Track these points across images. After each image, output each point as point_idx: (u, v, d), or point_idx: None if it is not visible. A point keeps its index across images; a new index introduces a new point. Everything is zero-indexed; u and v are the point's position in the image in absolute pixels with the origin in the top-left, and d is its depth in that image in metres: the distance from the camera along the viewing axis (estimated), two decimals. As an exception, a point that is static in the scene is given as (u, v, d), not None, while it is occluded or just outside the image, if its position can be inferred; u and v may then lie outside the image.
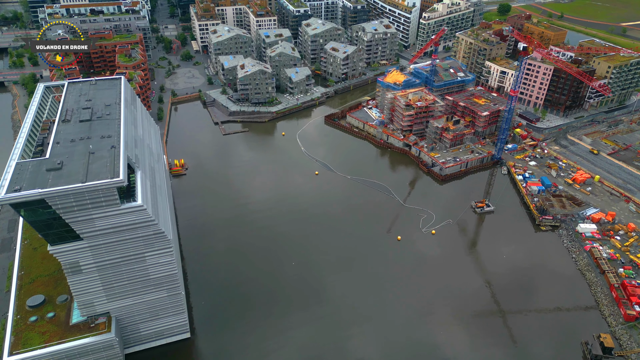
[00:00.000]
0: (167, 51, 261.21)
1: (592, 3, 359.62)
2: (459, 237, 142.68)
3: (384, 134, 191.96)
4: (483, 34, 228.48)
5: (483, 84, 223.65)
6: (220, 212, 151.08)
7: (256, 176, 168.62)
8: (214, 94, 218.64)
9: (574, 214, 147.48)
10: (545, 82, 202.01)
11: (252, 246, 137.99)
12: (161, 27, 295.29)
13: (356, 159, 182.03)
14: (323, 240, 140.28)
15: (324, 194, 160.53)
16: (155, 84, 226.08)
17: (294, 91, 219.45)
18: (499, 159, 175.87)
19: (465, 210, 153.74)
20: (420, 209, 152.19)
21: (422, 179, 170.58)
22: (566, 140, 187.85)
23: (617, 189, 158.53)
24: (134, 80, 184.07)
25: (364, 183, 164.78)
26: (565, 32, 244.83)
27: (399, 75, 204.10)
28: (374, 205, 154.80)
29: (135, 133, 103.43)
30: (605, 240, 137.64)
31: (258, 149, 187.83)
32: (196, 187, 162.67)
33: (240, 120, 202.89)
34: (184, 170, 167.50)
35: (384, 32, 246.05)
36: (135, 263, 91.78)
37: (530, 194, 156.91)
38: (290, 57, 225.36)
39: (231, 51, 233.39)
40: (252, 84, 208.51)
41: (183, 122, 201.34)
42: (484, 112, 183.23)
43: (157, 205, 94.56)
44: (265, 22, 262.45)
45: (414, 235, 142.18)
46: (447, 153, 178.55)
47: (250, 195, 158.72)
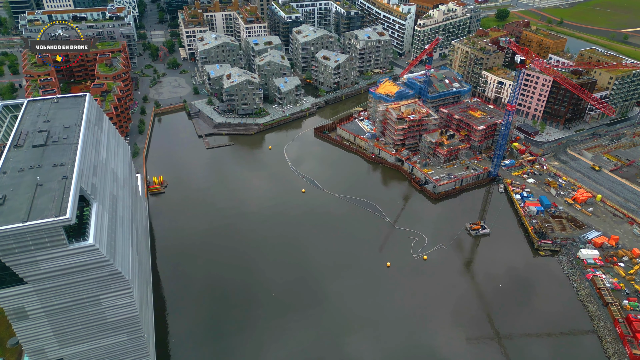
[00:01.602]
0: (153, 59, 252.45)
1: (592, 8, 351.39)
2: (452, 263, 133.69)
3: (376, 148, 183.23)
4: (480, 42, 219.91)
5: (479, 94, 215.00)
6: (199, 232, 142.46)
7: (238, 195, 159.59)
8: (199, 105, 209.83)
9: (574, 238, 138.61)
10: (544, 94, 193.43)
11: (232, 269, 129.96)
12: (149, 33, 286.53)
13: (346, 175, 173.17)
14: (306, 267, 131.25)
15: (309, 214, 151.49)
16: (139, 94, 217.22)
17: (283, 102, 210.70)
18: (496, 176, 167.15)
19: (460, 232, 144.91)
20: (411, 231, 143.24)
21: (414, 198, 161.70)
22: (566, 155, 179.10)
23: (620, 210, 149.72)
24: (112, 91, 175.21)
25: (352, 202, 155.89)
26: (564, 40, 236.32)
27: (392, 86, 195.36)
28: (363, 227, 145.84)
29: (95, 158, 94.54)
30: (608, 267, 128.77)
31: (242, 164, 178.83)
32: (175, 205, 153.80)
33: (225, 133, 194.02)
34: (163, 188, 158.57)
35: (377, 39, 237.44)
36: (89, 306, 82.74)
37: (529, 215, 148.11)
38: (279, 66, 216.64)
39: (218, 59, 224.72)
40: (238, 95, 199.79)
41: (165, 135, 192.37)
42: (480, 126, 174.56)
43: (116, 241, 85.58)
44: (255, 29, 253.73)
45: (404, 261, 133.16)
46: (441, 169, 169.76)
47: (231, 216, 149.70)
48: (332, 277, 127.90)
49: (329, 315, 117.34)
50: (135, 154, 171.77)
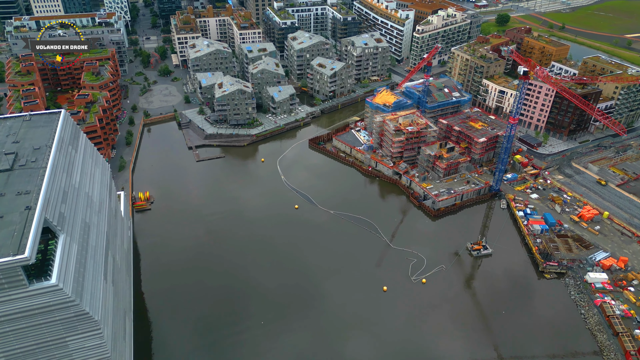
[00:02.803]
0: (144, 66, 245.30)
1: (594, 13, 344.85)
2: (452, 287, 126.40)
3: (372, 161, 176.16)
4: (480, 50, 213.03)
5: (480, 103, 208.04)
6: (186, 251, 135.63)
7: (228, 211, 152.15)
8: (190, 114, 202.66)
9: (581, 259, 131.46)
10: (547, 103, 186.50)
11: (221, 290, 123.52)
12: (141, 38, 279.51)
13: (341, 190, 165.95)
14: (297, 291, 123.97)
15: (302, 233, 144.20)
16: (128, 103, 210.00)
17: (277, 111, 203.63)
18: (498, 191, 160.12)
19: (461, 252, 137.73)
20: (409, 252, 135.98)
21: (412, 214, 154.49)
22: (571, 168, 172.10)
23: (628, 228, 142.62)
24: (97, 102, 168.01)
25: (348, 219, 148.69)
26: (567, 47, 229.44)
27: (389, 95, 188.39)
28: (358, 247, 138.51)
29: (67, 183, 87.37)
30: (617, 292, 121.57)
31: (233, 177, 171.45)
32: (161, 223, 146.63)
33: (216, 145, 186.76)
34: (149, 205, 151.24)
35: (374, 46, 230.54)
36: (55, 349, 75.43)
37: (533, 233, 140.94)
38: (273, 74, 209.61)
39: (210, 67, 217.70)
40: (230, 105, 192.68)
41: (154, 147, 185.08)
42: (481, 139, 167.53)
43: (85, 277, 78.32)
44: (249, 35, 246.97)
45: (402, 285, 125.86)
46: (441, 183, 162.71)
47: (219, 234, 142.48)
48: (325, 303, 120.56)
49: (322, 344, 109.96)
50: (121, 168, 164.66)
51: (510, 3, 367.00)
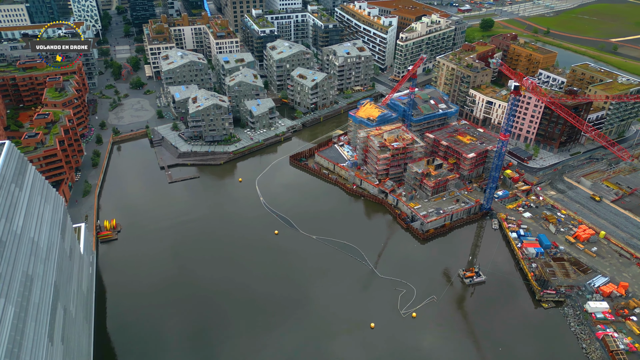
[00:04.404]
0: (115, 77, 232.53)
1: (578, 17, 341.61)
2: (445, 321, 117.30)
3: (357, 178, 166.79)
4: (466, 58, 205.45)
5: (467, 115, 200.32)
6: (155, 284, 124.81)
7: (201, 238, 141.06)
8: (163, 131, 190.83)
9: (580, 286, 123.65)
10: (537, 115, 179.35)
11: (191, 325, 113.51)
12: (113, 48, 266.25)
13: (324, 211, 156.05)
14: (272, 329, 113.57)
15: (281, 262, 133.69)
16: (96, 119, 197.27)
17: (256, 126, 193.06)
18: (489, 210, 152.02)
19: (453, 279, 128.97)
20: (398, 281, 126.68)
21: (400, 238, 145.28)
22: (563, 183, 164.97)
23: (626, 249, 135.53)
24: (59, 122, 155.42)
25: (331, 245, 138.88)
26: (555, 55, 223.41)
27: (373, 108, 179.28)
28: (343, 277, 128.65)
29: (5, 230, 75.85)
30: (619, 322, 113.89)
31: (208, 200, 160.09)
32: (129, 253, 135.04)
33: (191, 164, 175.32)
34: (115, 234, 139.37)
35: (357, 55, 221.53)
36: None
37: (527, 257, 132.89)
38: (251, 86, 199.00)
39: (184, 80, 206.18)
40: (205, 120, 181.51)
41: (123, 168, 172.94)
42: (470, 154, 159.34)
43: (23, 343, 67.06)
44: (226, 45, 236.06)
45: (390, 320, 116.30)
46: (429, 203, 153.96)
47: (192, 264, 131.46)
48: (303, 346, 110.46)
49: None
50: (85, 193, 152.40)
51: (493, 7, 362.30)
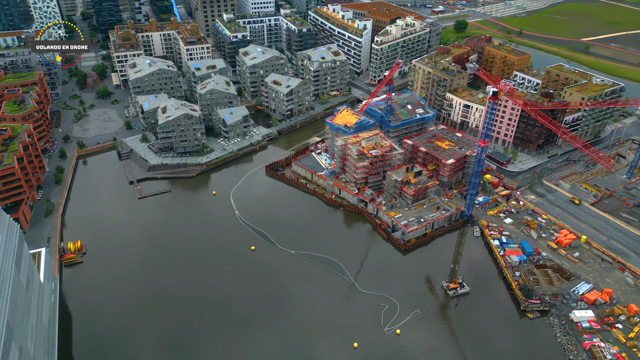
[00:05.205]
0: (81, 87, 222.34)
1: (549, 17, 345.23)
2: (430, 337, 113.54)
3: (336, 187, 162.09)
4: (442, 62, 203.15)
5: (445, 118, 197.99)
6: (124, 309, 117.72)
7: (173, 258, 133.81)
8: (131, 143, 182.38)
9: (564, 294, 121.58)
10: (514, 118, 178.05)
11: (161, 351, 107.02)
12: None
13: (303, 223, 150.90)
14: (249, 354, 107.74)
15: (258, 280, 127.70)
16: (60, 132, 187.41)
17: (229, 135, 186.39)
18: (470, 217, 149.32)
19: (437, 291, 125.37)
20: (381, 296, 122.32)
21: (381, 249, 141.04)
22: (542, 186, 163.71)
23: (608, 253, 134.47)
24: (18, 138, 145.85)
25: (311, 259, 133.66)
26: (529, 56, 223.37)
27: (350, 115, 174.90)
28: (323, 294, 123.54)
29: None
30: (605, 331, 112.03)
31: (181, 216, 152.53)
32: (95, 277, 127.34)
33: (161, 177, 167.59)
34: (80, 257, 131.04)
35: (332, 60, 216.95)
36: None
37: (510, 265, 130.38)
38: (224, 94, 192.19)
39: (153, 89, 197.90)
40: (176, 131, 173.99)
41: (89, 184, 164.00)
42: (449, 160, 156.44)
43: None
44: (197, 51, 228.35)
45: (374, 338, 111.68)
46: (409, 211, 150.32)
47: (162, 286, 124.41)
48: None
49: None
50: (48, 213, 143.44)
51: (466, 8, 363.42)
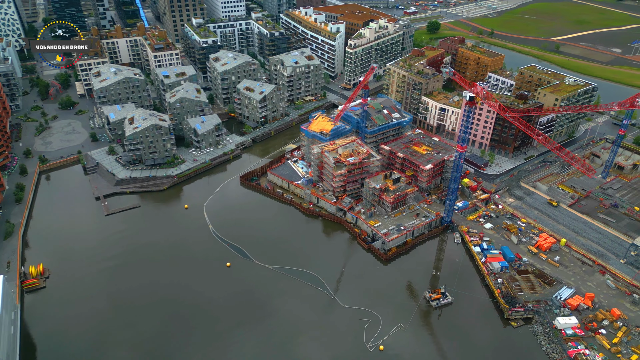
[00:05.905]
0: (43, 97, 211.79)
1: (519, 17, 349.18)
2: (413, 351, 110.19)
3: (313, 197, 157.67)
4: (417, 64, 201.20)
5: (421, 122, 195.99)
6: (90, 336, 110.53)
7: (143, 279, 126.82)
8: (98, 156, 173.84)
9: (547, 300, 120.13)
10: (490, 121, 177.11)
11: None
12: (39, 65, 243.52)
13: (280, 236, 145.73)
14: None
15: (234, 299, 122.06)
16: (20, 146, 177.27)
17: (201, 145, 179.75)
18: (450, 223, 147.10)
19: (419, 302, 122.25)
20: (363, 310, 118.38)
21: (361, 260, 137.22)
22: (520, 189, 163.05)
23: (588, 256, 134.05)
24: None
25: (289, 274, 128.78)
26: (502, 57, 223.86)
27: (326, 122, 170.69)
28: (301, 311, 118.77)
29: None
30: (589, 337, 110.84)
31: (151, 232, 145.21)
32: (59, 302, 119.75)
33: (130, 192, 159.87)
34: (43, 282, 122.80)
35: (306, 64, 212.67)
36: None
37: (492, 273, 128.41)
38: (194, 102, 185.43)
39: (120, 98, 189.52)
40: (144, 142, 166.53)
41: (53, 201, 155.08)
42: (427, 165, 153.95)
43: None
44: (165, 57, 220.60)
45: (356, 357, 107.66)
46: (389, 219, 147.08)
47: (131, 310, 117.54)
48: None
49: None
50: (7, 235, 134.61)
51: (438, 9, 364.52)
